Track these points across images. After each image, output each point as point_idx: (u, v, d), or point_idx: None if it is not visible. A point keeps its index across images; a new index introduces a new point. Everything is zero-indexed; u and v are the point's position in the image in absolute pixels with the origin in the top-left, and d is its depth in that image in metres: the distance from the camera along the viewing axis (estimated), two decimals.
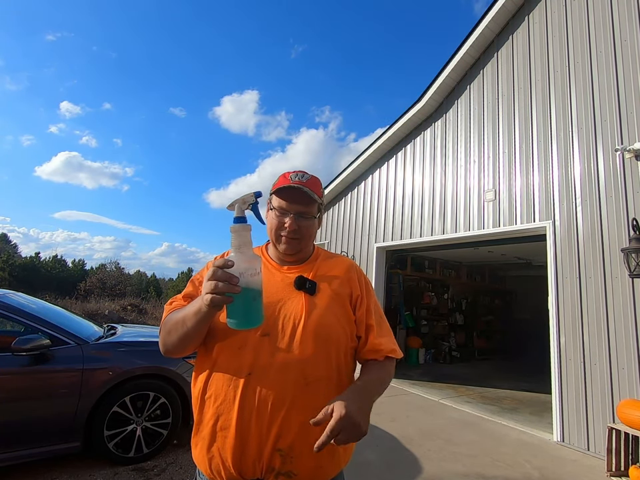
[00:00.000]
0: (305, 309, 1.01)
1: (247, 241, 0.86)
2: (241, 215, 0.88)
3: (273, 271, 1.11)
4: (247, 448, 0.92)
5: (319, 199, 1.10)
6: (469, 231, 4.97)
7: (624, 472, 3.01)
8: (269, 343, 0.97)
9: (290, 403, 0.93)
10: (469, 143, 5.27)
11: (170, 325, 1.00)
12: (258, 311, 0.85)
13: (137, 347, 3.13)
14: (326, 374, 0.99)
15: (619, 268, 3.47)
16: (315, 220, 1.12)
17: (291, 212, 1.07)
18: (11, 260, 24.38)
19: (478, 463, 3.21)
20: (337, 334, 1.03)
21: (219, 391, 0.96)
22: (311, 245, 1.17)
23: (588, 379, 3.56)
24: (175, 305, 1.07)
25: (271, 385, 0.93)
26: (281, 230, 1.08)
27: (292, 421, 0.93)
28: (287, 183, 1.07)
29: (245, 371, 0.95)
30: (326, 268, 1.14)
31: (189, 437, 3.65)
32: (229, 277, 0.79)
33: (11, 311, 2.77)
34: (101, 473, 2.74)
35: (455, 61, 5.36)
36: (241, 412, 0.92)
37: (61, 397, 2.66)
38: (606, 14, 3.98)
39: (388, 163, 6.73)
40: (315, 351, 0.98)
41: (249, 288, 0.82)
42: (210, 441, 0.96)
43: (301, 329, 0.98)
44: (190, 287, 1.13)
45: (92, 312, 13.60)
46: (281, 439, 0.92)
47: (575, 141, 4.03)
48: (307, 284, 1.06)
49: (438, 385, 6.04)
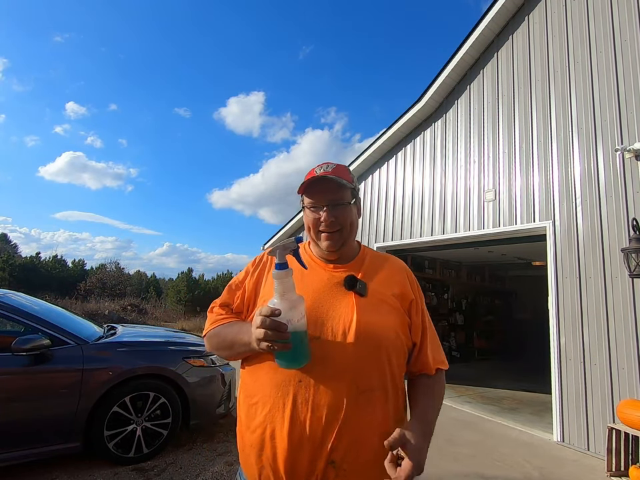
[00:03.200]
0: (356, 311, 0.94)
1: (290, 286, 0.86)
2: (283, 260, 0.87)
3: (318, 270, 1.05)
4: (299, 459, 0.86)
5: (349, 184, 1.03)
6: (469, 231, 4.97)
7: (624, 472, 3.01)
8: (318, 347, 0.90)
9: (344, 414, 0.87)
10: (468, 143, 5.27)
11: (217, 343, 1.04)
12: (305, 352, 0.87)
13: (137, 347, 3.13)
14: (379, 383, 0.92)
15: (619, 268, 3.47)
16: (351, 206, 1.05)
17: (323, 204, 1.01)
18: (11, 260, 24.39)
19: (478, 463, 3.21)
20: (390, 340, 0.95)
21: (266, 397, 0.92)
22: (353, 237, 1.10)
23: (588, 379, 3.56)
24: (217, 317, 1.08)
25: (323, 393, 0.88)
26: (318, 225, 1.02)
27: (346, 432, 0.87)
28: (312, 176, 1.02)
29: (295, 378, 0.90)
30: (375, 268, 1.07)
31: (189, 437, 3.64)
32: (278, 325, 0.80)
33: (11, 311, 2.77)
34: (101, 472, 2.74)
35: (455, 61, 5.36)
36: (293, 422, 0.87)
37: (61, 397, 2.66)
38: (606, 14, 3.98)
39: (388, 163, 6.73)
40: (368, 358, 0.92)
41: (296, 333, 0.83)
42: (259, 450, 0.91)
43: (352, 333, 0.91)
44: (226, 293, 1.12)
45: (92, 312, 13.61)
46: (335, 451, 0.86)
47: (575, 141, 4.02)
48: (358, 284, 0.98)
49: None
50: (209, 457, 3.09)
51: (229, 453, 3.18)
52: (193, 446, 3.28)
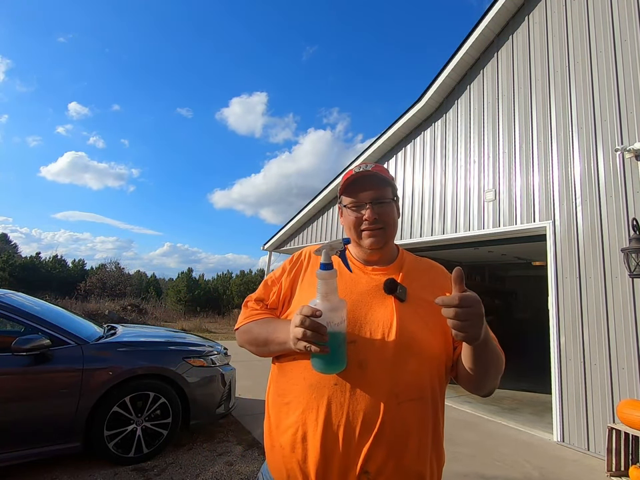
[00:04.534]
0: (396, 316, 0.90)
1: (333, 288, 0.83)
2: (328, 261, 0.84)
3: (357, 272, 1.01)
4: (331, 465, 0.83)
5: (390, 181, 1.02)
6: (469, 231, 4.97)
7: (624, 472, 3.01)
8: (355, 351, 0.87)
9: (382, 423, 0.83)
10: (468, 143, 5.27)
11: (250, 339, 1.02)
12: (342, 357, 0.84)
13: (137, 347, 3.13)
14: (419, 394, 0.88)
15: (619, 268, 3.47)
16: (393, 204, 1.02)
17: (365, 201, 0.98)
18: (11, 260, 24.39)
19: (478, 463, 3.21)
20: (431, 348, 0.91)
21: (300, 398, 0.89)
22: (394, 237, 1.07)
23: (588, 379, 3.56)
24: (252, 312, 1.06)
25: (360, 399, 0.84)
26: (361, 224, 0.99)
27: (382, 442, 0.82)
28: (352, 174, 1.00)
29: (331, 380, 0.86)
30: (416, 272, 1.03)
31: (189, 437, 3.63)
32: (317, 326, 0.77)
33: (11, 311, 2.77)
34: (101, 472, 2.74)
35: (455, 61, 5.36)
36: (327, 425, 0.84)
37: (61, 397, 2.66)
38: (606, 14, 3.98)
39: (388, 163, 6.73)
40: (407, 366, 0.87)
41: (335, 335, 0.81)
42: (289, 451, 0.87)
43: (392, 339, 0.87)
44: (262, 289, 1.11)
45: (92, 312, 13.61)
46: (370, 462, 0.82)
47: (575, 141, 4.03)
48: (398, 288, 0.94)
49: None
50: (209, 457, 3.09)
51: (229, 452, 3.18)
52: (193, 446, 3.28)
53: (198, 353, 3.36)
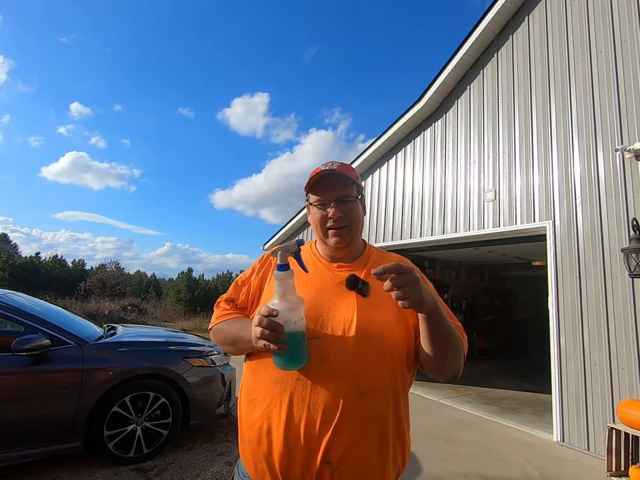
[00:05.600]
0: (356, 311, 0.94)
1: (290, 288, 0.87)
2: (284, 262, 0.88)
3: (322, 269, 1.05)
4: (295, 456, 0.87)
5: (355, 180, 1.04)
6: (469, 231, 4.97)
7: (624, 472, 3.01)
8: (317, 347, 0.90)
9: (341, 414, 0.86)
10: (468, 143, 5.27)
11: (220, 337, 1.07)
12: (302, 354, 0.88)
13: (137, 347, 3.13)
14: (380, 384, 0.91)
15: (619, 268, 3.47)
16: (357, 202, 1.05)
17: (330, 199, 1.01)
18: (10, 260, 24.38)
19: (478, 463, 3.21)
20: (392, 340, 0.94)
21: (265, 394, 0.93)
22: (360, 234, 1.09)
23: (588, 379, 3.56)
24: (222, 312, 1.10)
25: (321, 393, 0.88)
26: (326, 222, 1.02)
27: (343, 433, 0.86)
28: (318, 173, 1.03)
29: (294, 375, 0.90)
30: (378, 266, 1.07)
31: (189, 437, 3.63)
32: (274, 325, 0.81)
33: (11, 311, 2.77)
34: (101, 472, 2.74)
35: (455, 61, 5.36)
36: (289, 419, 0.88)
37: (61, 397, 2.66)
38: (606, 14, 3.98)
39: (388, 163, 6.73)
40: (368, 359, 0.91)
41: (293, 334, 0.84)
42: (256, 444, 0.92)
43: (352, 333, 0.91)
44: (232, 289, 1.14)
45: (92, 312, 13.61)
46: (331, 452, 0.85)
47: (575, 141, 4.02)
48: (360, 284, 0.97)
49: (438, 385, 6.04)
50: (209, 457, 3.09)
51: (229, 452, 3.18)
52: (193, 446, 3.28)
53: (198, 353, 3.36)
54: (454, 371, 0.96)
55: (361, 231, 1.10)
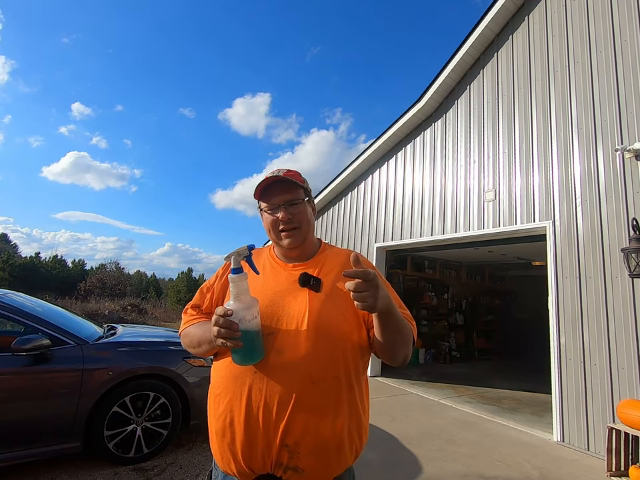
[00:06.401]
0: (308, 306, 1.01)
1: (244, 289, 0.94)
2: (237, 266, 0.95)
3: (278, 269, 1.13)
4: (255, 444, 0.95)
5: (301, 183, 1.11)
6: (469, 230, 4.97)
7: (624, 472, 3.01)
8: (272, 342, 0.99)
9: (295, 402, 0.94)
10: (468, 143, 5.27)
11: (187, 341, 1.14)
12: (257, 349, 0.95)
13: (137, 347, 3.13)
14: (333, 373, 0.98)
15: (619, 268, 3.47)
16: (305, 204, 1.12)
17: (279, 204, 1.08)
18: (10, 260, 24.38)
19: (478, 463, 3.21)
20: (342, 331, 1.01)
21: (227, 388, 1.01)
22: (311, 234, 1.16)
23: (588, 379, 3.56)
24: (189, 318, 1.18)
25: (276, 383, 0.95)
26: (278, 225, 1.09)
27: (298, 418, 0.94)
28: (264, 181, 1.10)
29: (252, 369, 0.98)
30: (334, 264, 1.12)
31: (189, 437, 3.63)
32: (229, 324, 0.89)
33: (11, 311, 2.77)
34: (101, 472, 2.74)
35: (455, 61, 5.36)
36: (248, 409, 0.96)
37: (61, 397, 2.66)
38: (606, 14, 3.98)
39: (388, 163, 6.73)
40: (319, 350, 0.98)
41: (248, 331, 0.91)
42: (221, 436, 1.00)
43: (304, 327, 0.99)
44: (198, 296, 1.22)
45: (92, 312, 13.60)
46: (288, 436, 0.93)
47: (575, 141, 4.02)
48: (312, 280, 1.05)
49: (438, 385, 6.04)
50: (209, 457, 3.08)
51: None
52: (192, 446, 3.28)
53: None
54: (403, 356, 1.04)
55: (313, 230, 1.17)
